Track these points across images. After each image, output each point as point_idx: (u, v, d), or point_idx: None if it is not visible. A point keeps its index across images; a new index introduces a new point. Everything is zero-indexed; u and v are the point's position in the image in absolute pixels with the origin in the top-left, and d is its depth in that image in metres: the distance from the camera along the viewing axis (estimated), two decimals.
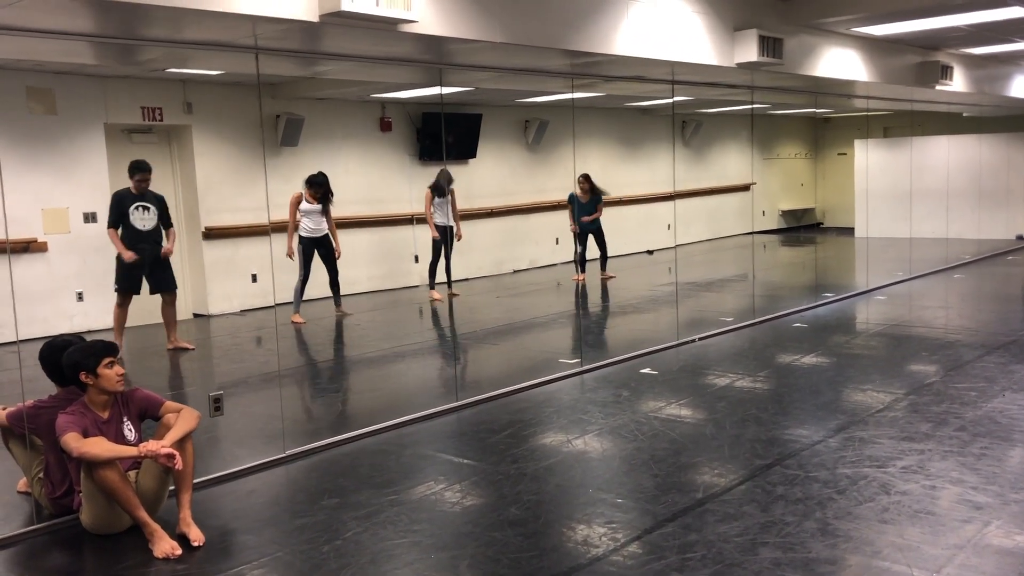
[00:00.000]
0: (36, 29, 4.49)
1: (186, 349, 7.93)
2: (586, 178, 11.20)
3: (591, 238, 11.46)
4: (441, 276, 10.39)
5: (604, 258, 11.65)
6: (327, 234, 9.34)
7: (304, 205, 9.17)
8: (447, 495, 4.26)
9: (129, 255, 7.42)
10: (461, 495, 4.26)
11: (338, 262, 9.41)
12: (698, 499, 4.06)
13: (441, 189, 10.20)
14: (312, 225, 9.21)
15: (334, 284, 9.46)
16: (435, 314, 10.03)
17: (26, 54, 6.52)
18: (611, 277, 11.64)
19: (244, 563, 3.58)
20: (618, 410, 5.66)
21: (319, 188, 9.16)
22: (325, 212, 9.25)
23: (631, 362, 7.02)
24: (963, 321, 8.50)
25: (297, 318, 9.08)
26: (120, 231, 7.51)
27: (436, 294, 10.34)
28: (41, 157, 8.61)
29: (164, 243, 7.71)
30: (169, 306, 7.82)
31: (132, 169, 7.56)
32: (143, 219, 7.53)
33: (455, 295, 10.61)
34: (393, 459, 4.84)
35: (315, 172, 9.35)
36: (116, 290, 7.59)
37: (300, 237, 9.20)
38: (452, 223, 10.34)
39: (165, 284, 7.75)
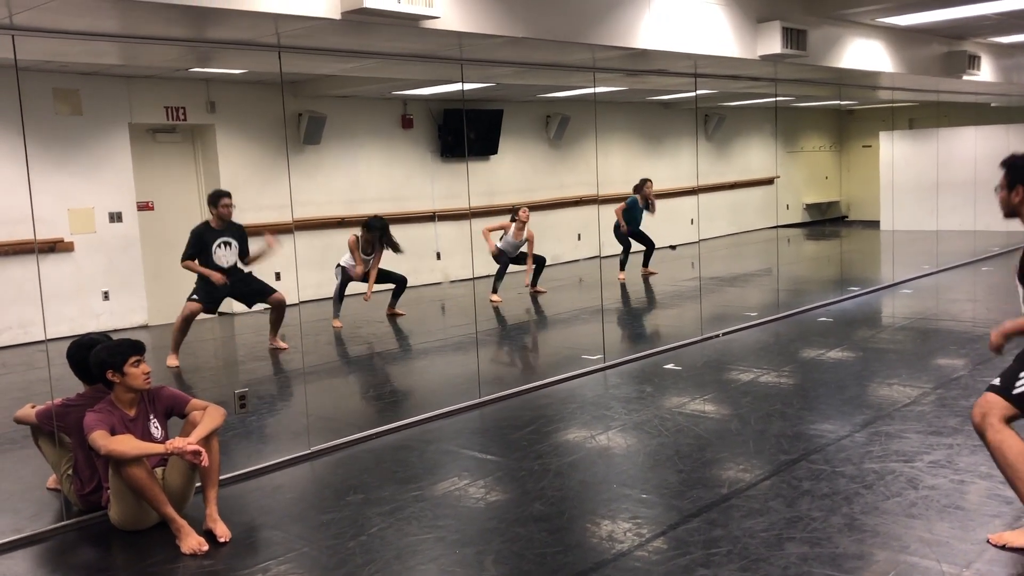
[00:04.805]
0: (62, 30, 4.54)
1: (281, 349, 7.78)
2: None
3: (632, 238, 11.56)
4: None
5: (650, 253, 11.70)
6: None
7: (360, 255, 8.88)
8: (471, 491, 4.26)
9: (219, 277, 7.10)
10: (485, 491, 4.26)
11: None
12: (723, 494, 4.04)
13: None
14: (351, 260, 8.97)
15: (400, 290, 9.29)
16: (457, 311, 10.04)
17: (52, 56, 6.58)
18: (653, 273, 11.66)
19: (270, 558, 3.61)
20: (642, 406, 5.64)
21: (374, 232, 8.86)
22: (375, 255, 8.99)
23: (654, 358, 7.00)
24: (991, 314, 8.39)
25: (336, 323, 8.91)
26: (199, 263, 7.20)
27: (496, 297, 10.22)
28: (67, 157, 8.70)
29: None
30: (274, 309, 7.61)
31: (214, 197, 7.25)
32: (225, 256, 7.21)
33: (541, 292, 10.59)
34: (417, 455, 4.85)
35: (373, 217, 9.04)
36: (190, 298, 7.20)
37: (339, 265, 9.00)
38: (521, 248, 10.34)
39: (259, 294, 7.52)
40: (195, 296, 7.19)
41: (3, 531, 4.00)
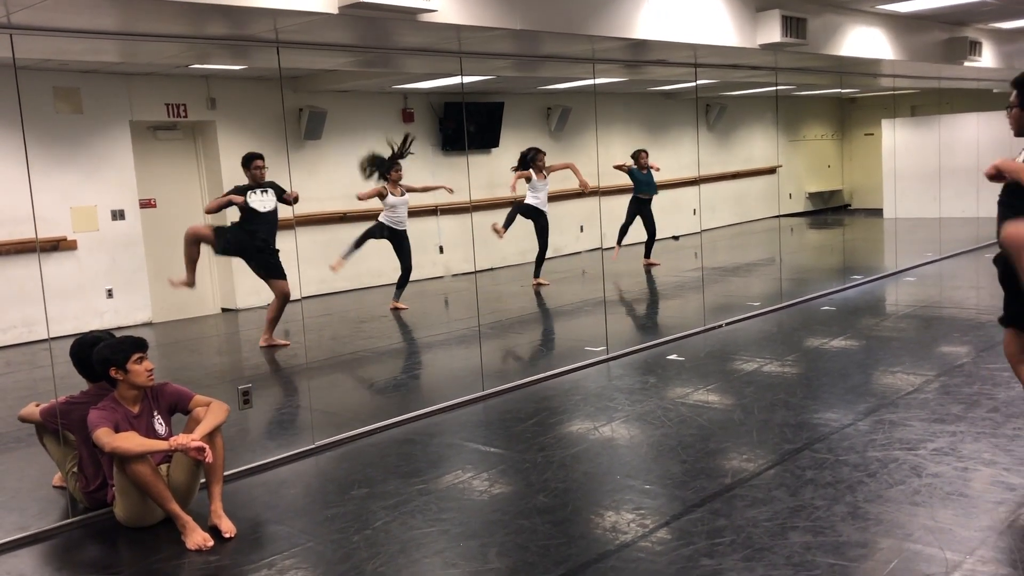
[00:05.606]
0: (60, 28, 4.53)
1: (280, 346, 7.73)
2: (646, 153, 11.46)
3: (639, 218, 11.48)
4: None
5: (652, 242, 11.65)
6: (406, 231, 9.09)
7: (390, 198, 8.94)
8: (475, 484, 4.27)
9: (239, 199, 7.23)
10: (489, 483, 4.27)
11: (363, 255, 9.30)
12: (727, 484, 4.05)
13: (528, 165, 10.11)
14: (396, 216, 8.98)
15: (404, 280, 9.26)
16: (460, 304, 10.04)
17: (52, 54, 6.59)
18: (655, 264, 11.63)
19: (275, 553, 3.62)
20: (645, 397, 5.64)
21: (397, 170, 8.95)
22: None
23: (658, 348, 7.00)
24: (995, 301, 8.32)
25: (339, 264, 8.89)
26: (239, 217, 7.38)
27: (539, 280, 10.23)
28: (68, 156, 8.71)
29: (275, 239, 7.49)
30: (277, 299, 7.58)
31: (247, 159, 7.37)
32: (261, 201, 7.31)
33: (543, 284, 10.50)
34: (420, 449, 4.86)
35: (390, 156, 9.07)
36: (215, 251, 7.42)
37: (379, 221, 9.02)
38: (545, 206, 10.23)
39: (274, 271, 7.51)
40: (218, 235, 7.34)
41: (9, 529, 4.02)
